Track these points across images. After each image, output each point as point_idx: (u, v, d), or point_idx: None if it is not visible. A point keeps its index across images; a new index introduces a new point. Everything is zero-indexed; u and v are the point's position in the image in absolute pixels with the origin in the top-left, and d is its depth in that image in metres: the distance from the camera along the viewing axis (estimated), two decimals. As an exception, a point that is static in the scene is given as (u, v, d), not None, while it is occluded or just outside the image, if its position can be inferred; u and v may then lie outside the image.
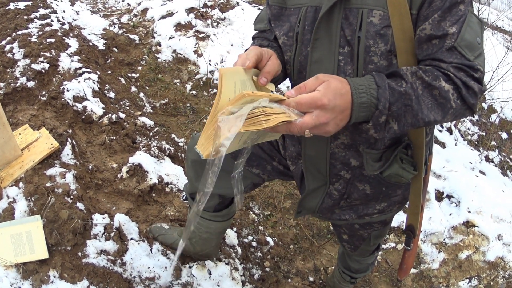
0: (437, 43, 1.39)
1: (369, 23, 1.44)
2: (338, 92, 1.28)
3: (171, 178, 3.40)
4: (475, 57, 1.38)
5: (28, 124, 3.10)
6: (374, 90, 1.32)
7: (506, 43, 7.99)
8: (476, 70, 1.37)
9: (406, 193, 1.92)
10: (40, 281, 2.36)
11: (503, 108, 6.07)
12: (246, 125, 1.20)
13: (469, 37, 1.38)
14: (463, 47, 1.37)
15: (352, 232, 2.25)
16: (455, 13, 1.37)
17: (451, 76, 1.35)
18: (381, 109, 1.32)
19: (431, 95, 1.36)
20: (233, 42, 5.47)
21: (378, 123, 1.35)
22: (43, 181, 2.72)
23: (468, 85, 1.36)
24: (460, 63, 1.37)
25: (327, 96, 1.25)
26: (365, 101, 1.31)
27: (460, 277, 3.70)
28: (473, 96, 1.38)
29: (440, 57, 1.39)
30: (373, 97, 1.32)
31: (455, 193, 4.19)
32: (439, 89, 1.35)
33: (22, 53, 3.91)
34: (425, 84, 1.36)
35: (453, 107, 1.38)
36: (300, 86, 1.31)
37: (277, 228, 3.68)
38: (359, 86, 1.32)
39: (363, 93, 1.31)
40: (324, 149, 1.74)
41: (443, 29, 1.37)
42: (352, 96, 1.31)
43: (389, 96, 1.33)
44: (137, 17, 5.98)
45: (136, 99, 4.50)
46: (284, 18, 1.68)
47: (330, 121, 1.28)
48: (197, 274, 2.85)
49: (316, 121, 1.25)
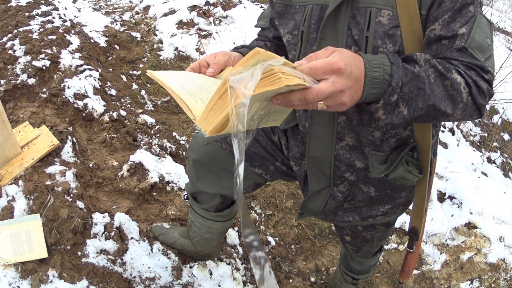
0: (446, 43, 1.37)
1: (378, 23, 1.41)
2: (353, 58, 1.21)
3: (172, 177, 3.38)
4: (486, 59, 1.37)
5: (28, 121, 3.08)
6: (387, 66, 1.26)
7: (509, 45, 7.97)
8: (487, 72, 1.35)
9: (411, 196, 1.90)
10: (39, 280, 2.34)
11: (506, 110, 6.06)
12: (263, 84, 1.07)
13: (479, 39, 1.36)
14: (474, 49, 1.35)
15: (355, 234, 2.23)
16: (465, 14, 1.35)
17: (462, 73, 1.33)
18: (394, 86, 1.26)
19: (443, 85, 1.32)
20: (235, 40, 5.46)
21: (389, 102, 1.28)
22: (43, 179, 2.70)
23: (478, 84, 1.34)
24: (470, 63, 1.35)
25: (343, 60, 1.17)
26: (378, 76, 1.25)
27: (462, 279, 3.69)
28: (482, 96, 1.36)
29: (450, 56, 1.37)
30: (386, 73, 1.25)
31: (457, 194, 4.17)
32: (452, 80, 1.31)
33: (23, 50, 3.89)
34: (437, 73, 1.32)
35: (464, 102, 1.34)
36: (311, 55, 1.22)
37: (279, 228, 3.66)
38: (372, 61, 1.25)
39: (376, 68, 1.25)
40: (329, 151, 1.72)
41: (453, 30, 1.35)
42: (365, 69, 1.24)
43: (403, 75, 1.27)
44: (139, 14, 5.97)
45: (137, 97, 4.48)
46: (288, 16, 1.65)
47: (346, 89, 1.19)
48: (198, 274, 2.83)
49: (332, 87, 1.15)
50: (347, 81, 1.18)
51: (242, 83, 1.04)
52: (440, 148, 4.87)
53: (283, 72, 1.07)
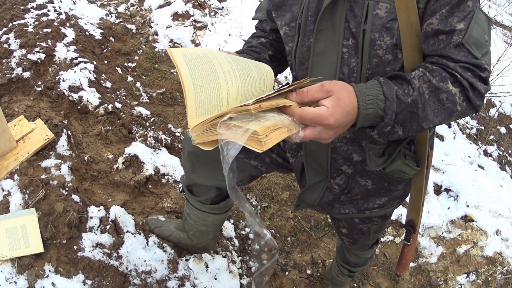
0: (444, 38, 1.36)
1: (375, 16, 1.40)
2: (345, 110, 1.25)
3: (168, 169, 3.37)
4: (483, 55, 1.36)
5: (24, 115, 3.07)
6: (381, 101, 1.30)
7: (506, 38, 7.98)
8: (483, 69, 1.35)
9: (407, 188, 1.90)
10: (35, 275, 2.34)
11: (502, 103, 6.06)
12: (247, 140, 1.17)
13: (477, 34, 1.35)
14: (471, 44, 1.34)
15: (351, 226, 2.23)
16: (463, 9, 1.34)
17: (458, 78, 1.33)
18: (387, 121, 1.31)
19: (438, 100, 1.34)
20: (230, 32, 5.44)
21: (383, 132, 1.34)
22: (38, 173, 2.69)
23: (474, 86, 1.34)
24: (467, 62, 1.34)
25: (334, 116, 1.21)
26: (371, 112, 1.29)
27: (458, 272, 3.70)
28: (479, 97, 1.37)
29: (447, 54, 1.36)
30: (380, 109, 1.30)
31: (453, 186, 4.18)
32: (447, 92, 1.33)
33: (18, 43, 3.87)
34: (432, 88, 1.33)
35: (459, 110, 1.36)
36: (303, 91, 1.26)
37: (275, 220, 3.66)
38: (366, 97, 1.29)
39: (370, 105, 1.29)
40: (326, 144, 1.71)
41: (451, 24, 1.34)
42: (359, 109, 1.28)
43: (396, 107, 1.31)
44: (134, 6, 5.93)
45: (132, 89, 4.46)
46: (286, 8, 1.64)
47: (331, 136, 1.27)
48: (194, 267, 2.83)
49: (317, 136, 1.24)
50: (333, 132, 1.26)
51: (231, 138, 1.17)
52: (436, 140, 4.87)
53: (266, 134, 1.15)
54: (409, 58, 1.43)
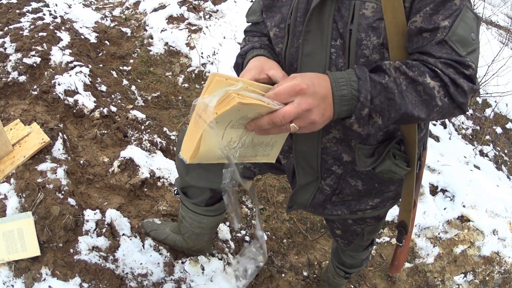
0: (427, 36, 1.36)
1: (361, 16, 1.40)
2: (316, 78, 1.28)
3: (163, 172, 3.38)
4: (468, 53, 1.34)
5: (20, 119, 3.08)
6: (354, 82, 1.30)
7: (501, 38, 8.00)
8: (467, 66, 1.33)
9: (400, 189, 1.90)
10: (32, 279, 2.34)
11: (498, 103, 6.08)
12: (221, 106, 1.18)
13: (462, 32, 1.34)
14: (455, 42, 1.33)
15: (345, 227, 2.23)
16: (449, 7, 1.34)
17: (439, 73, 1.32)
18: (363, 101, 1.30)
19: (416, 91, 1.33)
20: (225, 34, 5.46)
21: (361, 116, 1.33)
22: (34, 176, 2.70)
23: (456, 82, 1.32)
24: (449, 59, 1.33)
25: (305, 81, 1.24)
26: (346, 93, 1.30)
27: (455, 272, 3.70)
28: (462, 94, 1.34)
29: (428, 50, 1.35)
30: (353, 89, 1.30)
31: (449, 187, 4.18)
32: (424, 85, 1.32)
33: (13, 47, 3.88)
34: (409, 80, 1.32)
35: (439, 105, 1.34)
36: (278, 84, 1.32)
37: (270, 222, 3.66)
38: (339, 79, 1.30)
39: (343, 86, 1.30)
40: (316, 144, 1.71)
41: (435, 22, 1.33)
42: (332, 89, 1.30)
43: (371, 88, 1.30)
44: (129, 10, 5.94)
45: (127, 92, 4.47)
46: (275, 9, 1.64)
47: (313, 108, 1.26)
48: (190, 270, 2.84)
49: (298, 108, 1.23)
50: (312, 100, 1.25)
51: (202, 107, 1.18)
52: (432, 141, 4.88)
53: (238, 94, 1.17)
54: (396, 58, 1.42)
